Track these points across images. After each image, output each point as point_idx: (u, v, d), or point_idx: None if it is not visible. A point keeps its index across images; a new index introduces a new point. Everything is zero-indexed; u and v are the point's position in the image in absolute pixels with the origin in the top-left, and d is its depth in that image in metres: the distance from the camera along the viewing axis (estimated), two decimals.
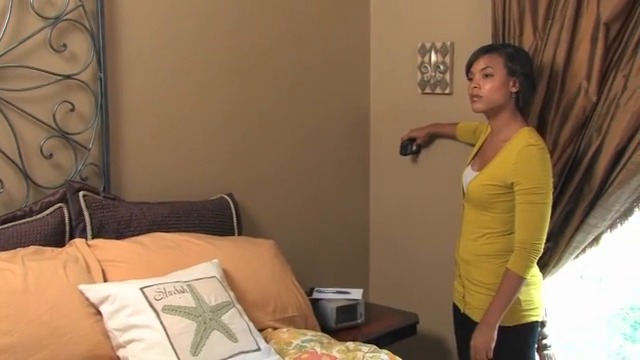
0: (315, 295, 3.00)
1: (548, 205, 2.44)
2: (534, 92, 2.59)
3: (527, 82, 2.51)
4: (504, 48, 2.56)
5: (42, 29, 2.43)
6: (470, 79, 2.56)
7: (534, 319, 2.56)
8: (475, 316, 2.58)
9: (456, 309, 2.73)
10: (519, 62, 2.50)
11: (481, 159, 2.60)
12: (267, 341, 2.38)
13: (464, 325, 2.65)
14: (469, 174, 2.61)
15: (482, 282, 2.54)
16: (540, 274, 2.60)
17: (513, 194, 2.44)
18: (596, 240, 2.79)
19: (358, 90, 3.57)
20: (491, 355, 2.47)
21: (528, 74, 2.52)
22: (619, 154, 2.61)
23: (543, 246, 2.45)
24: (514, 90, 2.50)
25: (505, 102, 2.51)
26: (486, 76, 2.50)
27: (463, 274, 2.63)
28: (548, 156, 2.47)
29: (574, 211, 2.75)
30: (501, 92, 2.49)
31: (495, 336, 2.46)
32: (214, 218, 2.79)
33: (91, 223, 2.46)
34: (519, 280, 2.43)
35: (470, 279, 2.59)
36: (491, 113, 2.55)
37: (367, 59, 3.58)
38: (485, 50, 2.55)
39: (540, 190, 2.41)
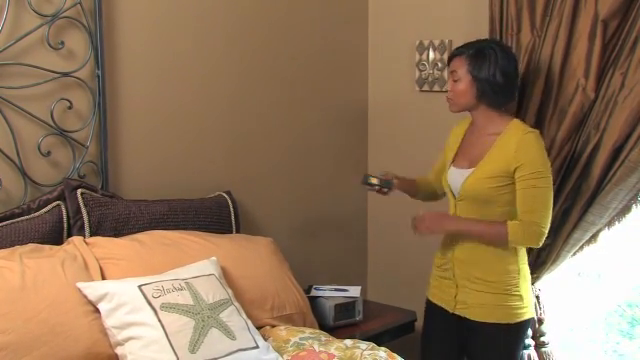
0: (313, 293, 3.01)
1: (551, 190, 2.43)
2: (502, 90, 2.47)
3: (490, 85, 2.45)
4: (469, 49, 2.50)
5: (40, 26, 2.43)
6: None
7: (529, 316, 2.57)
8: (473, 315, 2.55)
9: (437, 310, 2.68)
10: (480, 66, 2.45)
11: (468, 156, 2.56)
12: (265, 339, 2.38)
13: (451, 325, 2.63)
14: (458, 173, 2.56)
15: (484, 280, 2.51)
16: (529, 270, 2.60)
17: (513, 185, 2.43)
18: (594, 237, 2.79)
19: (356, 87, 3.57)
20: (420, 232, 2.56)
21: (489, 79, 2.44)
22: (617, 151, 2.61)
23: (547, 233, 2.42)
24: (479, 94, 2.48)
25: (476, 103, 2.50)
26: (454, 80, 2.51)
27: (459, 274, 2.59)
28: (543, 143, 2.48)
29: (572, 208, 2.75)
30: (467, 96, 2.49)
31: (438, 230, 2.53)
32: (212, 216, 2.79)
33: (89, 221, 2.46)
34: (503, 240, 2.42)
35: (470, 278, 2.56)
36: (469, 110, 2.56)
37: (365, 57, 3.58)
38: (455, 53, 2.54)
39: (543, 174, 2.40)
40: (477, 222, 2.48)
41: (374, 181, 2.68)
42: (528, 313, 2.55)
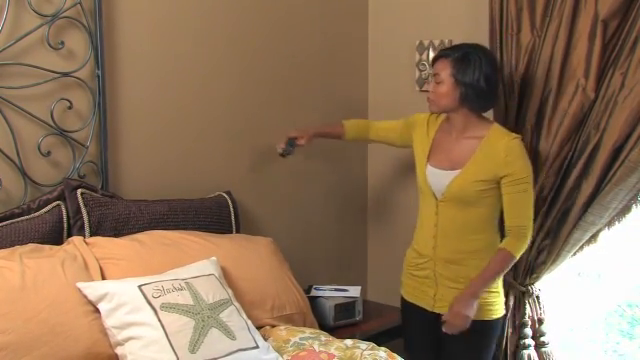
0: (313, 293, 3.01)
1: (533, 192, 2.53)
2: (485, 96, 2.50)
3: (474, 91, 2.47)
4: (455, 52, 2.51)
5: (40, 26, 2.43)
6: None
7: (503, 312, 2.65)
8: None
9: (414, 309, 2.69)
10: (465, 70, 2.46)
11: (447, 157, 2.57)
12: (265, 339, 2.39)
13: (430, 323, 2.64)
14: (441, 174, 2.56)
15: (469, 278, 2.53)
16: None
17: (498, 189, 2.49)
18: (594, 237, 2.79)
19: (356, 87, 3.57)
20: (467, 325, 2.49)
21: (472, 84, 2.46)
22: (617, 151, 2.61)
23: (532, 231, 2.53)
24: (461, 98, 2.49)
25: (457, 107, 2.52)
26: (437, 82, 2.53)
27: (442, 273, 2.59)
28: None
29: (572, 208, 2.75)
30: (449, 98, 2.51)
31: (476, 308, 2.48)
32: (212, 216, 2.79)
33: (89, 221, 2.46)
34: (512, 259, 2.50)
35: (456, 278, 2.56)
36: (448, 112, 2.57)
37: (365, 56, 3.58)
38: (440, 55, 2.56)
39: (528, 180, 2.49)
40: (487, 270, 2.50)
41: (286, 150, 2.92)
42: (502, 309, 2.63)
